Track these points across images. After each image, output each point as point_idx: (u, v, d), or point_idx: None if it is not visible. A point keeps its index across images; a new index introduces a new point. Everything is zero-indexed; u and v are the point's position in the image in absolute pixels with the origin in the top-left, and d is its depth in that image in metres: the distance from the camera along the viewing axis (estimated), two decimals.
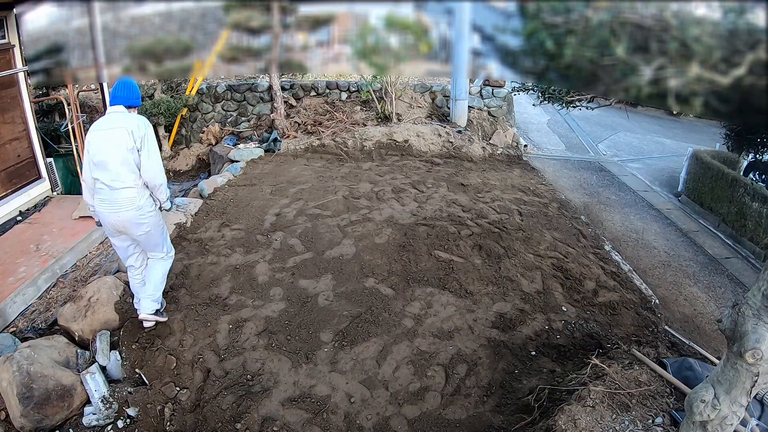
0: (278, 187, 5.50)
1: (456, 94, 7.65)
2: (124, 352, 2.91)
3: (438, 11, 4.99)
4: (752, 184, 6.87)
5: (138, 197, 2.83)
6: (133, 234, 2.92)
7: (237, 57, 5.39)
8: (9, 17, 4.78)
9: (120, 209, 2.80)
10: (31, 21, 4.50)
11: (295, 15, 4.68)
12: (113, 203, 2.79)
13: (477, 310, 3.32)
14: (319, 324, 3.14)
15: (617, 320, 3.35)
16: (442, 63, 5.92)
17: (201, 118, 8.49)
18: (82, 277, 4.25)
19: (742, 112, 1.69)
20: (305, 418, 2.49)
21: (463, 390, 2.66)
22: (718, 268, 5.92)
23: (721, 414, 1.63)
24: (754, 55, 1.48)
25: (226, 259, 3.91)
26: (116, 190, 2.77)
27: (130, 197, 2.80)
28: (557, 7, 2.09)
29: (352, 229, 4.33)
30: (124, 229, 2.89)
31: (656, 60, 1.72)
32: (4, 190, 4.97)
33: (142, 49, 3.40)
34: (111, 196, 2.78)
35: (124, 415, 2.56)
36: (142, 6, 3.47)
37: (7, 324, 3.59)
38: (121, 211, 2.80)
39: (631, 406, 2.08)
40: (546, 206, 5.23)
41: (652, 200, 7.87)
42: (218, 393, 2.65)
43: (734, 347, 1.56)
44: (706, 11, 1.67)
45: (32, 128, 5.33)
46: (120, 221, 2.84)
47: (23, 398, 2.44)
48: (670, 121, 13.81)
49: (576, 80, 2.38)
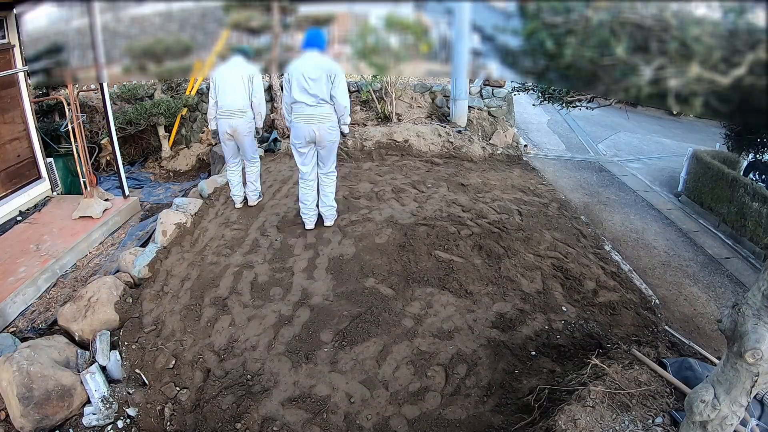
0: (278, 187, 5.50)
1: (456, 94, 7.65)
2: (124, 352, 2.91)
3: (438, 11, 4.99)
4: (752, 184, 6.87)
5: (331, 114, 3.85)
6: (324, 141, 3.93)
7: None
8: (9, 17, 4.79)
9: (320, 122, 3.82)
10: (31, 21, 4.50)
11: (295, 15, 4.68)
12: (315, 117, 3.79)
13: (477, 310, 3.32)
14: (319, 324, 3.14)
15: (617, 320, 3.35)
16: (442, 63, 5.92)
17: (201, 118, 8.48)
18: (82, 277, 4.25)
19: (742, 112, 1.69)
20: (305, 418, 2.49)
21: (463, 390, 2.66)
22: (718, 268, 5.93)
23: (721, 414, 1.63)
24: (754, 55, 1.48)
25: (226, 259, 3.91)
26: (311, 107, 3.76)
27: (327, 113, 3.82)
28: (557, 7, 2.09)
29: (352, 229, 4.33)
30: (320, 138, 3.89)
31: (656, 60, 1.72)
32: (4, 190, 4.97)
33: (142, 49, 3.40)
34: (314, 111, 3.77)
35: (124, 415, 2.56)
36: (142, 6, 3.47)
37: (7, 324, 3.59)
38: (320, 123, 3.82)
39: (631, 406, 2.08)
40: (546, 206, 5.23)
41: (652, 200, 7.87)
42: (218, 393, 2.65)
43: (734, 347, 1.56)
44: (706, 11, 1.67)
45: (32, 128, 5.33)
46: (317, 133, 3.86)
47: (23, 398, 2.44)
48: (670, 121, 13.82)
49: (576, 80, 2.38)
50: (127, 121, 7.35)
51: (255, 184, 4.78)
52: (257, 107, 4.32)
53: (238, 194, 4.76)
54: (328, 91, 3.74)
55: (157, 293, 3.51)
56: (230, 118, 4.22)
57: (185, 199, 4.85)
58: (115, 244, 4.89)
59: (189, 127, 8.57)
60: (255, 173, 4.72)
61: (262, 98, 4.33)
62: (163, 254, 3.96)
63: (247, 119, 4.28)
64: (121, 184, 5.74)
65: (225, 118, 4.23)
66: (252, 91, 4.24)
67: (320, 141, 3.90)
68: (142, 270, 3.72)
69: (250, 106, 4.28)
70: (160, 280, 3.67)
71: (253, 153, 4.57)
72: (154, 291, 3.54)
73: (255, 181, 4.77)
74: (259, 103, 4.31)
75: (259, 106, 4.32)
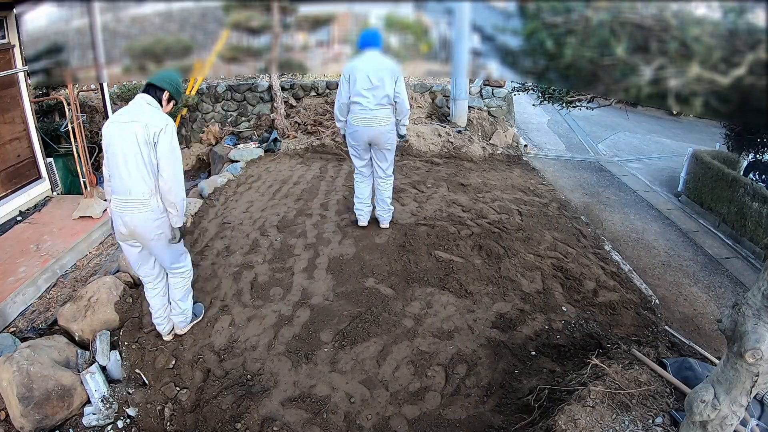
0: (278, 187, 5.50)
1: (456, 94, 7.65)
2: (124, 352, 2.91)
3: (438, 11, 4.99)
4: (752, 184, 6.87)
5: (390, 116, 3.71)
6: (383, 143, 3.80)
7: (237, 57, 5.40)
8: (9, 17, 4.78)
9: (380, 125, 3.68)
10: (31, 21, 4.51)
11: (295, 15, 4.68)
12: (376, 119, 3.66)
13: (477, 310, 3.32)
14: (319, 324, 3.14)
15: (617, 320, 3.35)
16: (442, 63, 5.91)
17: (201, 118, 8.49)
18: (82, 277, 4.25)
19: (742, 112, 1.69)
20: (305, 418, 2.49)
21: (463, 390, 2.66)
22: (718, 268, 5.93)
23: (721, 414, 1.63)
24: (754, 55, 1.48)
25: (225, 259, 3.91)
26: (372, 110, 3.62)
27: (386, 115, 3.68)
28: (557, 7, 2.09)
29: (352, 229, 4.33)
30: (379, 141, 3.75)
31: (656, 60, 1.72)
32: (4, 190, 4.97)
33: (142, 49, 3.40)
34: (374, 114, 3.63)
35: (124, 415, 2.56)
36: (142, 6, 3.47)
37: (7, 324, 3.59)
38: (380, 126, 3.70)
39: (631, 406, 2.08)
40: (546, 206, 5.23)
41: (652, 200, 7.87)
42: (218, 393, 2.65)
43: (734, 347, 1.56)
44: (706, 11, 1.67)
45: (32, 128, 5.33)
46: (377, 135, 3.72)
47: (23, 398, 2.44)
48: (670, 121, 13.82)
49: (576, 80, 2.39)
50: None
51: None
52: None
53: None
54: (392, 92, 3.60)
55: None
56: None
57: (185, 199, 4.84)
58: (115, 244, 4.89)
59: (189, 127, 8.57)
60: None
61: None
62: None
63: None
64: None
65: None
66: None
67: (379, 143, 3.79)
68: None
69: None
70: None
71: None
72: None
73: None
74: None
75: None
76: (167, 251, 2.71)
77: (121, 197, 2.50)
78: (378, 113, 3.64)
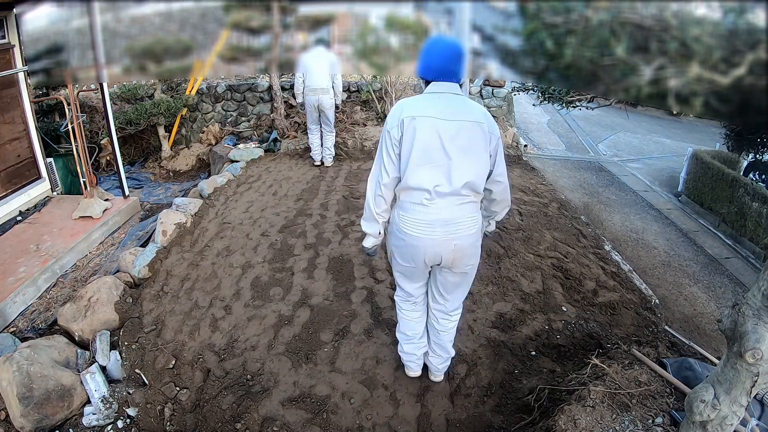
0: (278, 187, 5.50)
1: None
2: (124, 352, 2.91)
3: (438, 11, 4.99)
4: (752, 184, 6.87)
5: (476, 213, 2.10)
6: (462, 263, 2.14)
7: (237, 57, 5.40)
8: (9, 17, 4.78)
9: (457, 229, 2.02)
10: (31, 21, 4.51)
11: (295, 15, 4.68)
12: (450, 222, 2.00)
13: (477, 310, 3.32)
14: (319, 324, 3.14)
15: (617, 320, 3.35)
16: None
17: (201, 118, 8.49)
18: (82, 277, 4.25)
19: (742, 112, 1.69)
20: (305, 418, 2.49)
21: (463, 390, 2.66)
22: (718, 268, 5.93)
23: (721, 414, 1.63)
24: (754, 55, 1.48)
25: (225, 259, 3.91)
26: (457, 198, 1.97)
27: (470, 212, 2.06)
28: (557, 7, 2.09)
29: (352, 228, 4.32)
30: (456, 258, 2.09)
31: (656, 60, 1.72)
32: (4, 190, 4.97)
33: (142, 49, 3.41)
34: (449, 212, 1.99)
35: (124, 415, 2.56)
36: (142, 6, 3.47)
37: (7, 324, 3.59)
38: (458, 231, 2.03)
39: (631, 406, 2.08)
40: (546, 206, 5.23)
41: (652, 200, 7.87)
42: (218, 393, 2.65)
43: (734, 347, 1.56)
44: (706, 11, 1.67)
45: (32, 128, 5.33)
46: (454, 250, 2.05)
47: (23, 398, 2.44)
48: (670, 121, 13.82)
49: (576, 80, 2.39)
50: (127, 121, 7.35)
51: (331, 149, 6.11)
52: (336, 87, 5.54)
53: (317, 154, 6.13)
54: (485, 164, 1.96)
55: (157, 293, 3.51)
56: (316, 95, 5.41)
57: (185, 199, 4.85)
58: (115, 244, 4.89)
59: (189, 127, 8.57)
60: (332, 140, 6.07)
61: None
62: (163, 254, 3.96)
63: (330, 95, 5.47)
64: (121, 184, 5.74)
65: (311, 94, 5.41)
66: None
67: (454, 262, 2.09)
68: (142, 270, 3.72)
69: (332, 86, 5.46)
70: (160, 280, 3.67)
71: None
72: (154, 291, 3.54)
73: (331, 147, 6.10)
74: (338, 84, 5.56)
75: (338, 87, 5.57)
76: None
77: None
78: (455, 212, 2.01)
